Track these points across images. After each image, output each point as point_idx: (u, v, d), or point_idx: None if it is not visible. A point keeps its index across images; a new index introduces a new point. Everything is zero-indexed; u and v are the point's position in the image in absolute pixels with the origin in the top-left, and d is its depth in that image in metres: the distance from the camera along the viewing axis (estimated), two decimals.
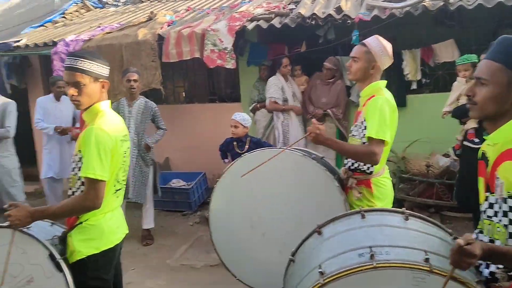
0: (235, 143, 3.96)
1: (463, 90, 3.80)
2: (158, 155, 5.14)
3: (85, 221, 1.96)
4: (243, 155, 2.73)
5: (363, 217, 1.72)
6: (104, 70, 2.03)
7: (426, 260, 1.41)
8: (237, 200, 2.67)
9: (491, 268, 1.43)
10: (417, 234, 1.59)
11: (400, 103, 4.33)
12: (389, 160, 2.73)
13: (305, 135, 2.37)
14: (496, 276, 1.41)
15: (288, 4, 5.34)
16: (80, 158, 1.93)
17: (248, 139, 3.96)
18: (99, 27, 6.09)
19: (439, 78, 5.18)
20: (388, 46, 2.32)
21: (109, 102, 2.09)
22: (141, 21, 5.91)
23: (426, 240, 1.56)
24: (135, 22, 5.95)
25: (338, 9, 4.67)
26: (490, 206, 1.41)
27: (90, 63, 1.95)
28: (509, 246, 1.33)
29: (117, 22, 6.31)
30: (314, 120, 2.36)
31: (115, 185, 2.05)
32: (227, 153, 4.06)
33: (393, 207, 2.09)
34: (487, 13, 4.29)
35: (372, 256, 1.44)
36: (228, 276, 2.77)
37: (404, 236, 1.58)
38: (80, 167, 1.91)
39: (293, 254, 1.85)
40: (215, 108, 6.17)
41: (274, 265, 2.16)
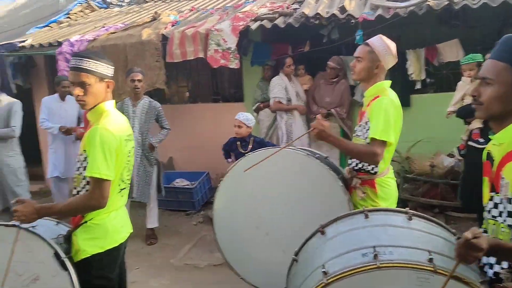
0: (239, 143, 3.97)
1: (468, 90, 3.78)
2: (162, 155, 5.16)
3: (90, 220, 1.97)
4: (247, 155, 2.73)
5: (367, 217, 1.71)
6: (109, 70, 2.04)
7: (430, 260, 1.40)
8: (241, 200, 2.67)
9: (495, 269, 1.43)
10: (421, 234, 1.59)
11: (404, 103, 4.30)
12: (393, 160, 2.72)
13: (309, 131, 2.36)
14: (500, 277, 1.40)
15: (292, 4, 5.34)
16: (85, 158, 1.94)
17: (252, 139, 3.96)
18: (104, 27, 6.12)
19: (444, 78, 5.16)
20: (392, 46, 2.31)
21: (114, 102, 2.11)
22: (145, 21, 5.93)
23: (430, 240, 1.55)
24: (139, 22, 5.98)
25: (342, 9, 4.66)
26: (495, 206, 1.41)
27: (96, 63, 1.97)
28: None
29: (122, 22, 6.34)
30: (319, 116, 2.35)
31: (120, 185, 2.06)
32: (231, 153, 4.06)
33: (397, 207, 2.08)
34: (492, 12, 4.27)
35: (376, 256, 1.44)
36: (232, 276, 2.77)
37: (408, 236, 1.57)
38: (85, 167, 1.93)
39: (297, 254, 1.85)
40: (219, 108, 6.18)
41: (278, 265, 2.15)
